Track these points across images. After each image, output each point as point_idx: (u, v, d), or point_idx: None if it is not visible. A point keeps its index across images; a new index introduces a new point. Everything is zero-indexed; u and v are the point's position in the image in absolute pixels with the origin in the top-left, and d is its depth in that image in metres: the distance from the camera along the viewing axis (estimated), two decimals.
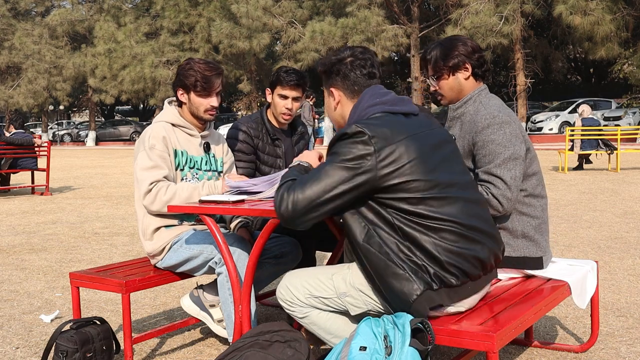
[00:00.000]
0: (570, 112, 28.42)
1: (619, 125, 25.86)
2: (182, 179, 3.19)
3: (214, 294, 3.23)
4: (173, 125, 3.22)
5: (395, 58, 39.25)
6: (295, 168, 2.55)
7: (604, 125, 20.71)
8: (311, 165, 2.61)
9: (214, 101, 3.19)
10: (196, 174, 3.24)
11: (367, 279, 2.36)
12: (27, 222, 7.98)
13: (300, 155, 2.68)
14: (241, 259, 2.91)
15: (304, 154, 2.68)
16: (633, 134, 16.78)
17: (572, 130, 13.33)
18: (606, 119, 27.24)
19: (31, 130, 47.23)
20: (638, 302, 3.93)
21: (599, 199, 8.82)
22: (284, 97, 3.59)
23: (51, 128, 47.85)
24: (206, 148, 3.30)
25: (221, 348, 3.34)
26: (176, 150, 3.17)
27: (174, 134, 3.19)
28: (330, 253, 3.39)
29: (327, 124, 28.33)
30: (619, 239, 5.97)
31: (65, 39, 39.32)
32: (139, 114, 55.07)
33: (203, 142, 3.30)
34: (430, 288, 2.24)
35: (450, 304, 2.34)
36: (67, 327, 2.94)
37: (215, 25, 30.04)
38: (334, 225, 2.89)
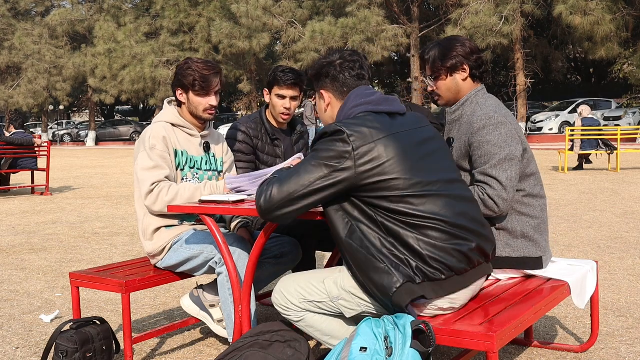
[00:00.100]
0: (570, 112, 28.42)
1: (619, 125, 25.87)
2: (183, 179, 3.19)
3: (214, 294, 3.23)
4: (173, 125, 3.22)
5: (395, 58, 39.25)
6: (285, 169, 2.59)
7: (604, 125, 20.71)
8: None
9: (213, 100, 3.18)
10: (196, 174, 3.24)
11: (354, 278, 2.38)
12: (27, 222, 7.98)
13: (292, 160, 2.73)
14: (241, 259, 2.91)
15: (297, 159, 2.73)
16: (633, 134, 16.79)
17: (572, 130, 13.34)
18: (606, 119, 27.24)
19: (31, 130, 47.23)
20: (638, 302, 3.93)
21: (599, 199, 8.82)
22: (282, 97, 3.58)
23: (51, 128, 47.84)
24: (206, 148, 3.30)
25: (221, 348, 3.34)
26: (176, 150, 3.17)
27: (174, 134, 3.19)
28: (330, 253, 3.39)
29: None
30: (619, 239, 5.97)
31: (65, 39, 39.34)
32: (139, 114, 55.08)
33: (203, 142, 3.30)
34: (411, 281, 2.25)
35: (437, 298, 2.34)
36: (67, 327, 2.94)
37: (215, 25, 30.05)
38: None
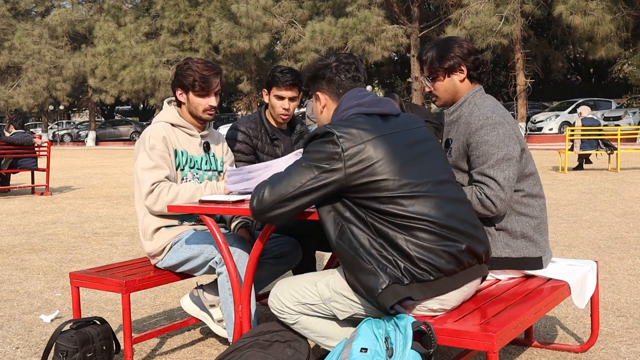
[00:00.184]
0: (570, 112, 28.42)
1: (619, 125, 25.87)
2: (183, 179, 3.19)
3: (214, 294, 3.23)
4: (173, 125, 3.22)
5: (395, 58, 39.27)
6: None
7: (604, 125, 20.71)
8: None
9: (213, 101, 3.18)
10: (196, 174, 3.24)
11: (345, 279, 2.39)
12: (27, 222, 7.98)
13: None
14: (241, 259, 2.91)
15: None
16: (633, 134, 16.80)
17: (572, 130, 13.34)
18: (606, 119, 27.24)
19: (31, 130, 47.23)
20: (638, 302, 3.93)
21: (599, 199, 8.82)
22: (280, 98, 3.57)
23: (51, 128, 47.85)
24: (206, 148, 3.30)
25: (221, 348, 3.34)
26: (176, 150, 3.17)
27: (173, 134, 3.19)
28: (330, 253, 3.40)
29: None
30: (619, 239, 5.97)
31: (65, 39, 39.35)
32: (139, 114, 55.08)
33: (203, 142, 3.30)
34: (398, 282, 2.25)
35: (425, 299, 2.33)
36: (67, 327, 2.94)
37: (215, 25, 30.05)
38: None
